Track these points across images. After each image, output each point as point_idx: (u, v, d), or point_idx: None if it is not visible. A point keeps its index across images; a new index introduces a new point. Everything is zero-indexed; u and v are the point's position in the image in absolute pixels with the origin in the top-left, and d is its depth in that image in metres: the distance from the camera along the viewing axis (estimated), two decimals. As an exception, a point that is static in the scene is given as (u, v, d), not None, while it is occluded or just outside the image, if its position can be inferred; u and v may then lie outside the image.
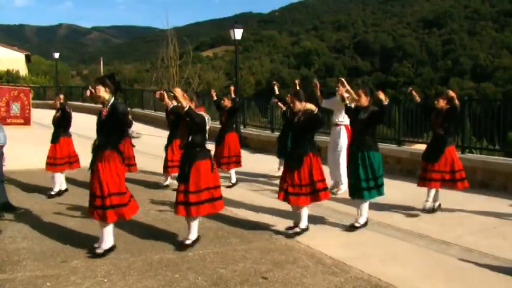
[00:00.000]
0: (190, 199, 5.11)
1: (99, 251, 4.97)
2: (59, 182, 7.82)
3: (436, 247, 5.36)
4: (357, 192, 5.98)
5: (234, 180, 8.63)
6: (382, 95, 5.75)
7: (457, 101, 6.61)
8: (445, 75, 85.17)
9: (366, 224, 6.01)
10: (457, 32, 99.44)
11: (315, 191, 5.66)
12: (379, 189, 5.99)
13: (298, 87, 7.89)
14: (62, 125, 7.79)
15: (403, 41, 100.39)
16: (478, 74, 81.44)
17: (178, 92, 5.04)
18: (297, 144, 5.76)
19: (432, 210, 6.74)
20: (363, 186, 5.89)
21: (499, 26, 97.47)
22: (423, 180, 6.76)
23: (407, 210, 6.81)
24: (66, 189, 7.91)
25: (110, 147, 4.93)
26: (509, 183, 7.88)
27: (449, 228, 6.05)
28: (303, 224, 5.78)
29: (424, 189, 6.85)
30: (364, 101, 6.03)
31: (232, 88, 9.03)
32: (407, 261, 4.93)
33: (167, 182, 8.56)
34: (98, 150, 4.96)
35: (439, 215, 6.62)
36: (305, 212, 5.78)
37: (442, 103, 6.72)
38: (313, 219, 6.08)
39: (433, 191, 6.75)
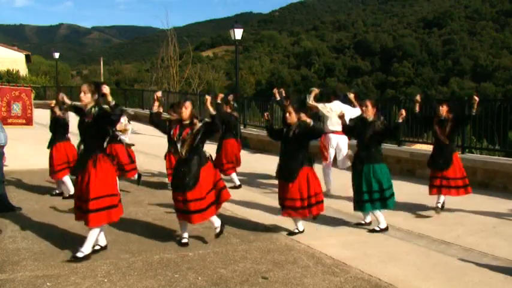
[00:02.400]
0: (191, 207, 5.08)
1: (79, 254, 4.78)
2: (69, 182, 7.52)
3: (436, 247, 5.37)
4: (359, 205, 5.96)
5: (238, 183, 8.58)
6: (403, 114, 5.84)
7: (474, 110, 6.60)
8: (445, 75, 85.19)
9: (386, 229, 5.90)
10: (457, 32, 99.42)
11: (311, 205, 5.57)
12: (385, 201, 5.90)
13: (295, 94, 7.92)
14: (58, 130, 7.59)
15: (403, 41, 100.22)
16: (478, 74, 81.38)
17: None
18: (291, 156, 5.59)
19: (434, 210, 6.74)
20: (365, 198, 5.87)
21: (499, 26, 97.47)
22: (437, 188, 6.65)
23: (407, 210, 6.81)
24: (63, 193, 7.72)
25: (100, 150, 4.90)
26: (509, 183, 7.89)
27: (449, 228, 6.05)
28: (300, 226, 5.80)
29: (425, 190, 6.86)
30: (371, 112, 5.98)
31: (230, 97, 9.05)
32: (407, 261, 4.94)
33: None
34: (87, 153, 4.88)
35: (439, 215, 6.62)
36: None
37: (444, 111, 6.67)
38: (314, 219, 6.07)
39: (443, 197, 6.69)
